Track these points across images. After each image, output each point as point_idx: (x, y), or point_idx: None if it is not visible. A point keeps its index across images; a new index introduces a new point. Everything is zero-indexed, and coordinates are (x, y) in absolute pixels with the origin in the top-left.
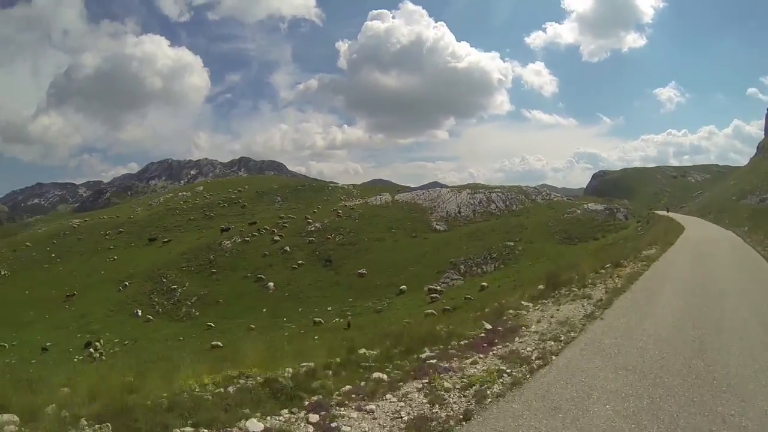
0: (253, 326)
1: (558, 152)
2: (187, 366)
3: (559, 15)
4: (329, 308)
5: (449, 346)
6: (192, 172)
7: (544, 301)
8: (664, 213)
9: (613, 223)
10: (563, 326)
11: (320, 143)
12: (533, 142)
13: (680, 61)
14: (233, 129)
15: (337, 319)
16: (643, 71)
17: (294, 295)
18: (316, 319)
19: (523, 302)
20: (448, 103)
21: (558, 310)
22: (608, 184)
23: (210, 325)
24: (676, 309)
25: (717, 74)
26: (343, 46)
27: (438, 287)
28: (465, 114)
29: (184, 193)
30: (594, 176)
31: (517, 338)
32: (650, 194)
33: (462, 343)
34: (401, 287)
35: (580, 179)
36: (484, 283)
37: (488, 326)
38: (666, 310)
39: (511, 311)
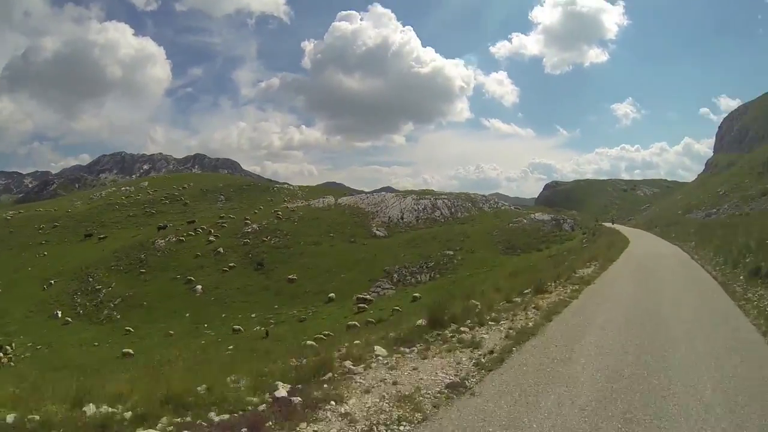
0: (172, 332)
1: (513, 162)
2: None
3: (526, 26)
4: (253, 315)
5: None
6: (145, 167)
7: (406, 348)
8: (610, 225)
9: (558, 233)
10: (400, 407)
11: (277, 143)
12: (490, 151)
13: (638, 79)
14: (191, 124)
15: (258, 328)
16: (602, 86)
17: (220, 300)
18: (236, 326)
19: (376, 348)
20: (408, 108)
21: (415, 369)
22: (560, 195)
23: (129, 330)
24: (602, 370)
25: (672, 93)
26: (309, 45)
27: (368, 296)
28: (424, 120)
29: (127, 187)
30: (546, 187)
31: (305, 425)
32: (600, 206)
33: (221, 419)
34: (330, 295)
35: (533, 189)
36: (417, 294)
37: (282, 392)
38: (585, 374)
39: (349, 362)
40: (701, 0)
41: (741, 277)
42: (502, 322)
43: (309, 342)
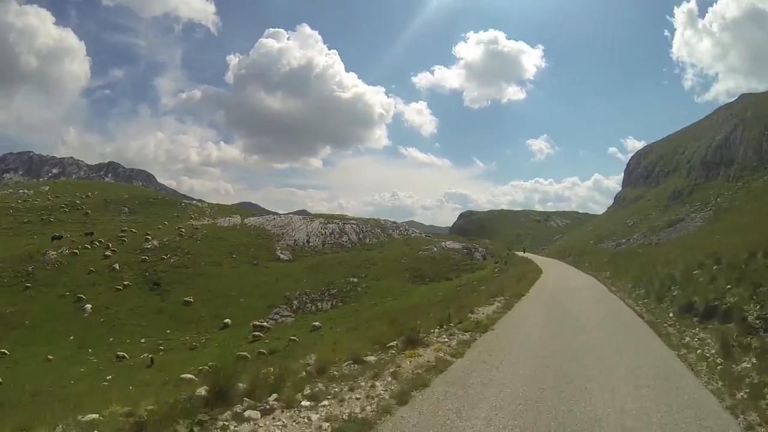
0: (51, 357)
1: (429, 191)
2: None
3: (449, 60)
4: (143, 340)
5: None
6: (54, 171)
7: None
8: (522, 254)
9: (470, 262)
10: None
11: (195, 158)
12: (406, 179)
13: (553, 117)
14: (107, 130)
15: (144, 355)
16: (518, 122)
17: (109, 322)
18: (120, 353)
19: None
20: (327, 132)
21: None
22: (474, 224)
23: (3, 353)
24: None
25: (584, 133)
26: (234, 59)
27: (265, 323)
28: (342, 145)
29: (26, 191)
30: (460, 216)
31: None
32: (514, 236)
33: None
34: (225, 321)
35: (448, 218)
36: (317, 323)
37: None
38: None
39: None
40: (613, 50)
41: (670, 314)
42: (323, 402)
43: (187, 376)
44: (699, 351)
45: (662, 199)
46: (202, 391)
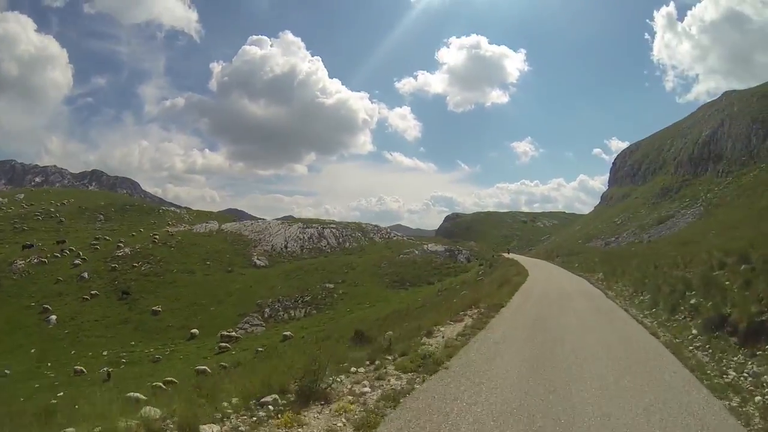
0: (8, 372)
1: (415, 195)
2: None
3: (432, 66)
4: (105, 352)
5: None
6: (37, 179)
7: None
8: (506, 255)
9: (453, 265)
10: None
11: (180, 165)
12: (392, 184)
13: (537, 120)
14: (91, 138)
15: (105, 368)
16: (502, 125)
17: (74, 333)
18: (78, 367)
19: None
20: (311, 139)
21: None
22: (460, 227)
23: None
24: None
25: (568, 134)
26: (217, 67)
27: (235, 333)
28: (327, 151)
29: (0, 199)
30: (446, 218)
31: None
32: (501, 237)
33: None
34: (192, 331)
35: (435, 222)
36: (288, 332)
37: None
38: None
39: None
40: (594, 53)
41: (693, 331)
42: None
43: (137, 395)
44: (759, 399)
45: (650, 197)
46: None
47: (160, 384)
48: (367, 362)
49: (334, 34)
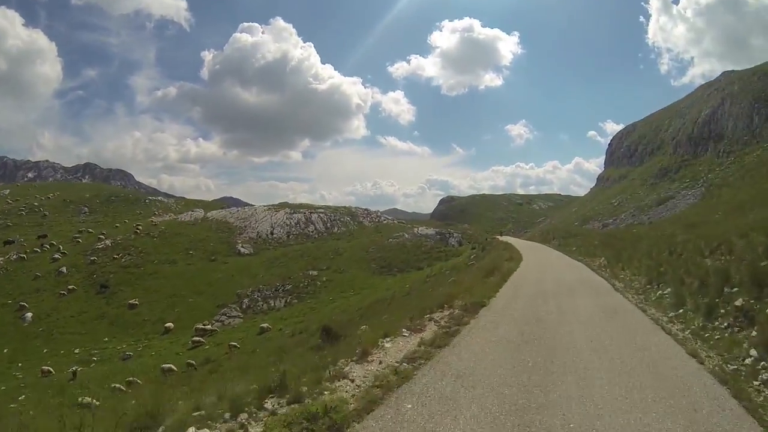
0: None
1: (411, 178)
2: None
3: (425, 49)
4: (76, 350)
5: None
6: (29, 175)
7: None
8: (500, 237)
9: (444, 249)
10: None
11: (173, 155)
12: (387, 168)
13: (531, 103)
14: (83, 131)
15: (75, 368)
16: (496, 108)
17: (48, 331)
18: (46, 367)
19: None
20: (305, 125)
21: None
22: (455, 210)
23: None
24: None
25: (562, 117)
26: (208, 55)
27: (210, 327)
28: (321, 136)
29: None
30: (441, 201)
31: None
32: (496, 220)
33: None
34: (167, 325)
35: (431, 205)
36: (265, 324)
37: None
38: None
39: None
40: (589, 36)
41: (752, 352)
42: None
43: (86, 400)
44: None
45: (648, 177)
46: None
47: (120, 386)
48: (228, 414)
49: (325, 20)
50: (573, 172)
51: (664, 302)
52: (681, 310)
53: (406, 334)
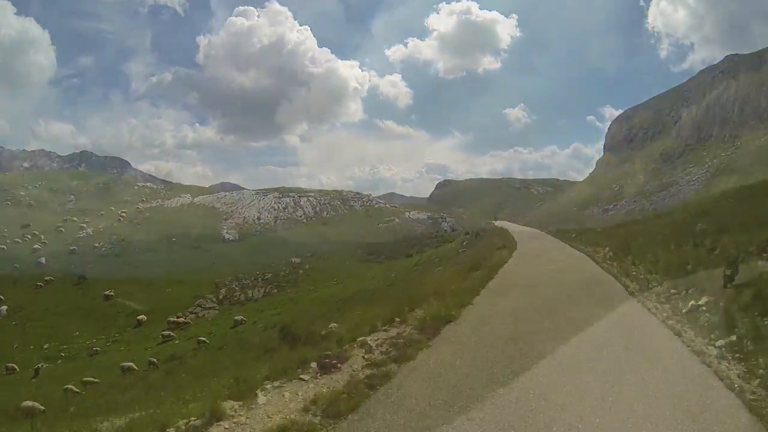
0: None
1: (409, 162)
2: None
3: (422, 32)
4: (45, 346)
5: None
6: (25, 164)
7: None
8: (495, 223)
9: (435, 235)
10: None
11: (170, 142)
12: (385, 152)
13: (529, 87)
14: (79, 119)
15: (41, 364)
16: (494, 92)
17: (22, 324)
18: (10, 364)
19: None
20: (302, 109)
21: None
22: (452, 194)
23: None
24: None
25: (561, 102)
26: (204, 40)
27: (183, 319)
28: (318, 120)
29: None
30: (438, 185)
31: None
32: (494, 204)
33: None
34: (139, 318)
35: (429, 189)
36: (240, 317)
37: None
38: None
39: None
40: (588, 20)
41: None
42: None
43: (28, 403)
44: None
45: (650, 162)
46: None
47: (73, 387)
48: None
49: (322, 3)
50: (571, 157)
51: (702, 319)
52: (733, 337)
53: (310, 372)
